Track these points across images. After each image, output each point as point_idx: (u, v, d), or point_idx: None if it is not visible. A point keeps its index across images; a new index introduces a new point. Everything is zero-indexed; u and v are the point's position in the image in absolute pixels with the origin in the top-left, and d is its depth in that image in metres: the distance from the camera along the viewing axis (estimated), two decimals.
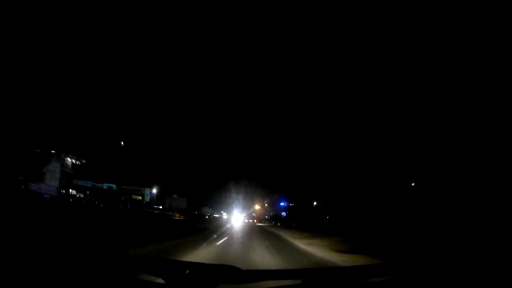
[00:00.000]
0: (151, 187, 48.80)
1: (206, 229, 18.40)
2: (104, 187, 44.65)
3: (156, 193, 49.36)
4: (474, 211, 12.72)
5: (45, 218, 10.83)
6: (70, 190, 41.53)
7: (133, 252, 6.15)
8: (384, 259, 7.39)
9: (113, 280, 1.58)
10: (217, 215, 66.31)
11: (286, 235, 17.15)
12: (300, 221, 38.35)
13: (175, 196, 52.62)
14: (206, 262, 1.91)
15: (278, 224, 44.32)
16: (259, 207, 62.13)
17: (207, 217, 59.40)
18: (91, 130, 40.92)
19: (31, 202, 15.69)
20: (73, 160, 46.96)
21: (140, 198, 48.44)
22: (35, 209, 13.40)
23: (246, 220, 49.74)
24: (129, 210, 35.55)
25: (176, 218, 42.19)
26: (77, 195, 41.22)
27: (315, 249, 10.09)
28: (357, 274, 1.95)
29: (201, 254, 7.12)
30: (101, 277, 1.58)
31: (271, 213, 66.40)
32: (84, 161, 47.43)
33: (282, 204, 65.39)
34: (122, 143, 43.90)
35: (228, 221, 41.88)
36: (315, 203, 46.09)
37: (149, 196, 49.01)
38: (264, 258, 7.30)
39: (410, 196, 25.37)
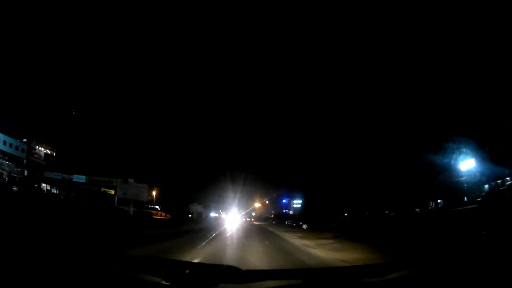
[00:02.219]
0: (127, 179, 40.25)
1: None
2: (74, 179, 40.84)
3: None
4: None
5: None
6: (43, 185, 40.07)
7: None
8: None
9: (113, 280, 1.69)
10: (214, 215, 59.53)
11: None
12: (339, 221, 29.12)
13: (131, 180, 38.58)
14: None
15: (304, 226, 29.72)
16: (260, 205, 61.74)
17: (189, 216, 50.97)
18: (59, 112, 39.01)
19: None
20: (48, 151, 45.47)
21: (113, 192, 40.77)
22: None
23: (244, 219, 46.93)
24: (96, 208, 29.45)
25: (158, 217, 39.16)
26: (52, 190, 39.89)
27: None
28: (357, 274, 2.10)
29: None
30: (101, 277, 1.69)
31: (273, 211, 66.47)
32: (56, 150, 45.47)
33: (284, 201, 66.12)
34: (73, 111, 38.29)
35: (225, 222, 37.02)
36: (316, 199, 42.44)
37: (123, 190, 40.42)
38: None
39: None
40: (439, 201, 25.04)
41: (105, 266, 1.84)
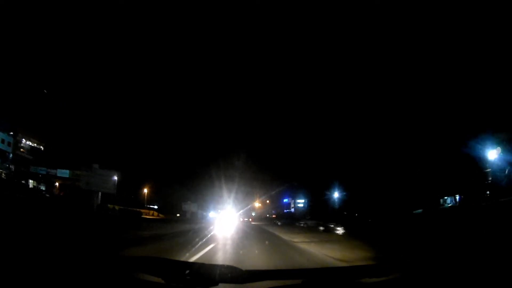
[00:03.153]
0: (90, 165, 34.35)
1: None
2: (58, 174, 39.86)
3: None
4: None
5: None
6: (30, 181, 39.45)
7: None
8: None
9: (113, 280, 1.73)
10: (213, 215, 59.71)
11: None
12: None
13: (96, 166, 30.87)
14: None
15: (339, 229, 20.83)
16: (259, 205, 61.71)
17: (178, 215, 48.36)
18: (46, 103, 38.01)
19: None
20: (35, 144, 44.81)
21: None
22: None
23: (241, 219, 44.84)
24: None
25: (149, 217, 37.78)
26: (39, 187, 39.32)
27: None
28: (357, 274, 2.16)
29: None
30: (101, 277, 1.72)
31: (273, 211, 66.73)
32: (44, 144, 44.64)
33: (285, 200, 66.69)
34: (45, 91, 35.94)
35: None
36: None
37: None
38: None
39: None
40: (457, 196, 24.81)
41: (105, 266, 1.88)
